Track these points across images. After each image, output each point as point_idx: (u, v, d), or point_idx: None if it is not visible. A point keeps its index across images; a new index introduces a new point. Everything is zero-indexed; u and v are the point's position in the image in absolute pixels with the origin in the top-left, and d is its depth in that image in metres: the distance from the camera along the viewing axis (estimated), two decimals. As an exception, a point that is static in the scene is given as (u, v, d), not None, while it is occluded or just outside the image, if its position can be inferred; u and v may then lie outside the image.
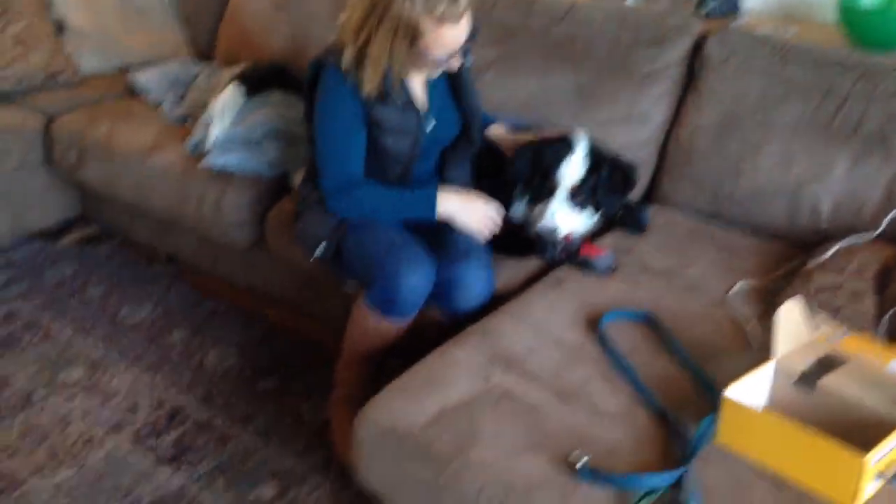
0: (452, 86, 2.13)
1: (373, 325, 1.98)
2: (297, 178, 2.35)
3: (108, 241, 3.08)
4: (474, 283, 1.92)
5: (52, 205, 3.01)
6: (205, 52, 3.29)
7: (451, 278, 1.91)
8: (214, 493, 1.98)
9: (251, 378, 2.38)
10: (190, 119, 2.78)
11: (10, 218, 2.89)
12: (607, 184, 2.09)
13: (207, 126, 2.57)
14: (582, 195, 2.07)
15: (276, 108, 2.56)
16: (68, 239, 3.06)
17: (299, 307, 2.60)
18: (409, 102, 2.01)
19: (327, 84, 1.97)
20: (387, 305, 1.92)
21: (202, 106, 2.75)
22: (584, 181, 2.06)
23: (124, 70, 3.16)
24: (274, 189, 2.47)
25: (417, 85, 2.05)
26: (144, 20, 3.26)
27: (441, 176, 2.19)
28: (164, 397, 2.29)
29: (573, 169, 2.04)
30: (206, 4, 3.30)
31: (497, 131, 2.27)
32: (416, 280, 1.87)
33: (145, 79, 3.04)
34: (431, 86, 2.08)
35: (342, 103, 1.96)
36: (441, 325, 1.95)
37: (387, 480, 1.53)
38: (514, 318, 1.77)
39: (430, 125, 2.06)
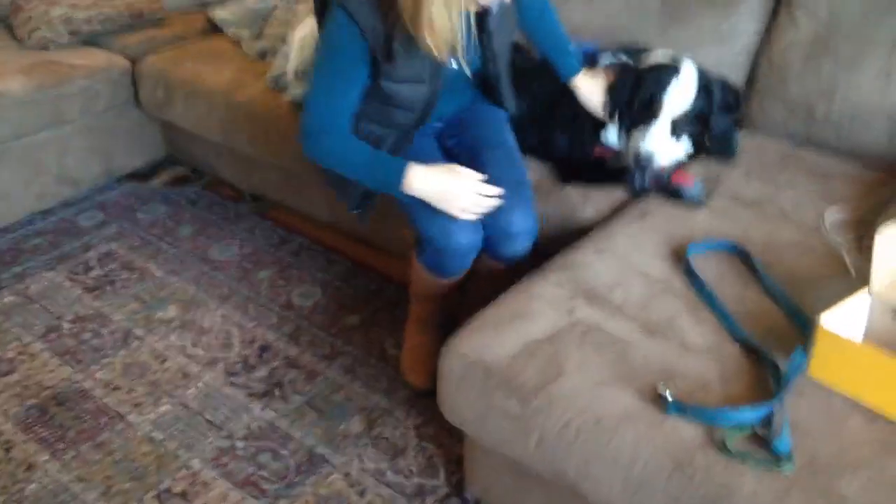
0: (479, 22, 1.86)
1: (428, 279, 2.00)
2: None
3: (196, 181, 3.16)
4: (520, 233, 1.88)
5: (141, 146, 3.09)
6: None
7: (497, 230, 1.87)
8: (304, 427, 2.04)
9: (336, 315, 2.42)
10: (269, 53, 2.80)
11: (102, 160, 2.99)
12: (722, 104, 1.98)
13: (286, 59, 2.59)
14: (687, 123, 1.96)
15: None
16: (158, 180, 3.15)
17: (378, 244, 2.62)
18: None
19: (334, 20, 1.76)
20: (437, 267, 1.93)
21: (281, 39, 2.77)
22: (691, 108, 1.94)
23: (205, 5, 3.19)
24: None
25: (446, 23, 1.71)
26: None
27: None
28: (254, 334, 2.36)
29: (681, 96, 1.92)
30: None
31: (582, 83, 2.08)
32: (464, 241, 1.84)
33: (225, 14, 3.07)
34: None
35: (343, 45, 1.78)
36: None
37: (472, 413, 1.53)
38: (598, 251, 1.74)
39: (450, 70, 1.87)
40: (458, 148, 2.06)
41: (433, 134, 2.09)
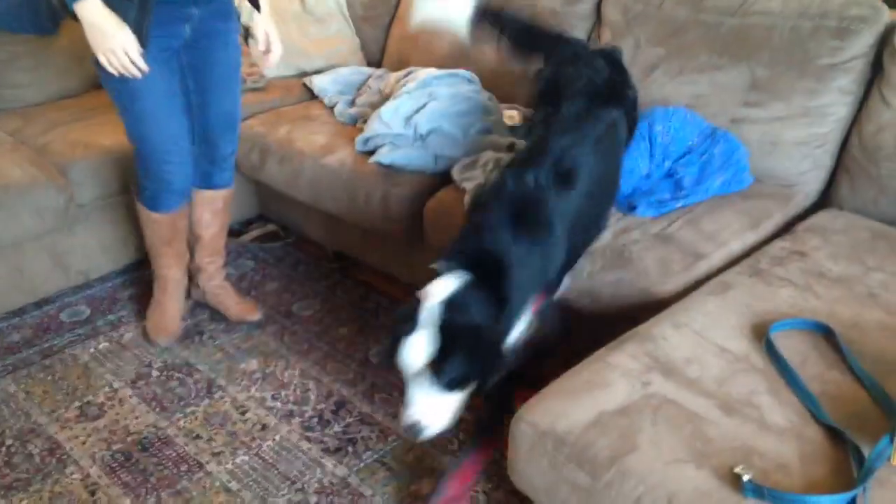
0: None
1: (150, 218, 2.54)
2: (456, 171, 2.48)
3: (284, 238, 3.27)
4: (227, 156, 2.53)
5: (236, 204, 3.21)
6: (375, 57, 3.46)
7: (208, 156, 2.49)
8: (375, 485, 2.06)
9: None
10: (360, 119, 2.92)
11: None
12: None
13: (376, 125, 2.69)
14: None
15: (441, 106, 2.66)
16: (248, 236, 3.28)
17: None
18: None
19: None
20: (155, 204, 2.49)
21: (372, 107, 2.89)
22: None
23: (303, 75, 3.35)
24: (436, 184, 2.56)
25: None
26: (322, 28, 3.42)
27: None
28: (331, 389, 2.40)
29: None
30: (377, 12, 3.45)
31: None
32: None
33: (321, 82, 3.22)
34: None
35: None
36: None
37: (541, 483, 1.52)
38: (675, 325, 1.72)
39: None
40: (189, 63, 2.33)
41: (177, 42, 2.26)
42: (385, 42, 3.42)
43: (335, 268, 3.05)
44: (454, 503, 1.93)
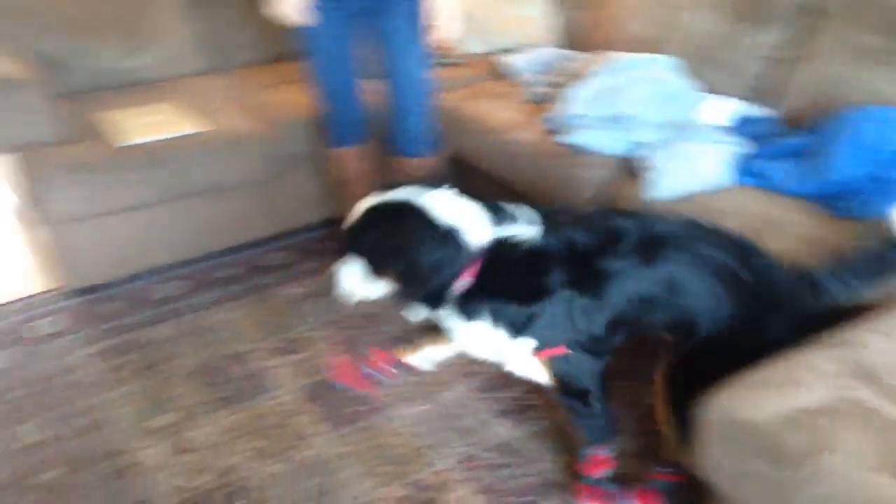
0: None
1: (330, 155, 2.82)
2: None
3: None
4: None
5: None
6: (573, 39, 3.50)
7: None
8: (541, 451, 2.16)
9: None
10: (550, 99, 2.99)
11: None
12: None
13: (566, 105, 2.76)
14: None
15: (634, 91, 2.68)
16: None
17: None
18: None
19: None
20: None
21: (563, 88, 2.94)
22: None
23: (497, 52, 3.45)
24: (622, 168, 2.60)
25: None
26: (521, 7, 3.51)
27: None
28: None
29: None
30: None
31: None
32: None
33: (514, 61, 3.31)
34: None
35: None
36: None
37: (727, 470, 1.56)
38: (881, 333, 1.70)
39: None
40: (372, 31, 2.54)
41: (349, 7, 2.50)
42: (584, 24, 3.45)
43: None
44: None
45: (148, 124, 2.80)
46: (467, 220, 1.79)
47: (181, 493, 2.04)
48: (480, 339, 1.86)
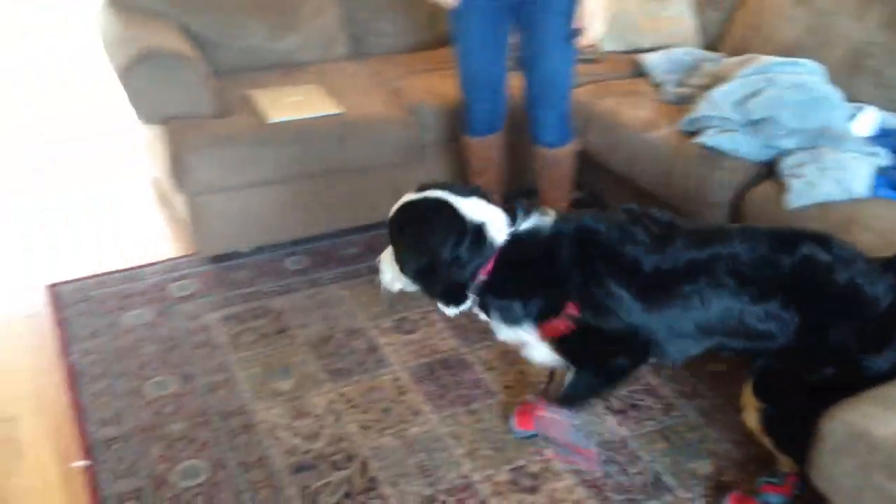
0: None
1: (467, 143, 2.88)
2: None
3: (592, 206, 3.37)
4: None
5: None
6: (712, 41, 3.42)
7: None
8: (652, 452, 2.12)
9: (703, 358, 2.44)
10: (688, 101, 2.93)
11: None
12: None
13: (705, 107, 2.70)
14: None
15: (777, 94, 2.60)
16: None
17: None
18: None
19: None
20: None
21: (701, 89, 2.88)
22: None
23: (635, 51, 3.41)
24: (761, 174, 2.53)
25: None
26: (662, 6, 3.45)
27: None
28: (620, 355, 2.49)
29: None
30: (723, -5, 3.41)
31: None
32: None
33: (651, 61, 3.26)
34: None
35: None
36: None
37: (846, 484, 1.50)
38: None
39: None
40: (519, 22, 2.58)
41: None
42: (725, 26, 3.37)
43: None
44: None
45: (292, 104, 2.93)
46: (492, 216, 1.85)
47: (296, 455, 2.13)
48: (505, 332, 1.93)
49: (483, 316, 1.94)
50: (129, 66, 2.73)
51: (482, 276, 1.84)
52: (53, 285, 2.85)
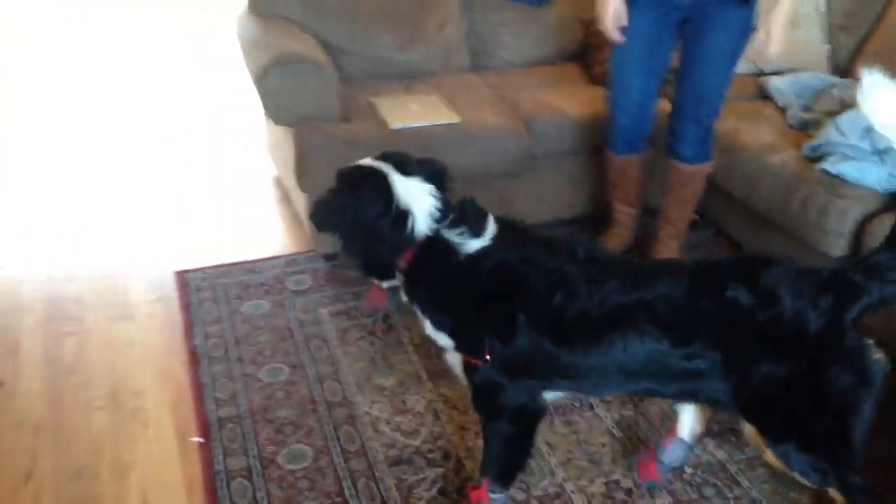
0: None
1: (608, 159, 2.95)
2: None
3: (702, 228, 3.33)
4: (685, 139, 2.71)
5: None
6: (843, 66, 3.34)
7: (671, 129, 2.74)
8: (753, 478, 2.10)
9: (810, 388, 2.41)
10: (813, 126, 2.87)
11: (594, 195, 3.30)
12: None
13: (830, 133, 2.64)
14: None
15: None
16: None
17: (880, 334, 2.52)
18: None
19: None
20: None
21: (828, 115, 2.82)
22: None
23: (760, 74, 3.36)
24: (886, 205, 2.47)
25: None
26: (792, 30, 3.37)
27: None
28: (724, 378, 2.46)
29: None
30: (856, 21, 3.32)
31: None
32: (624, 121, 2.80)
33: (778, 84, 3.21)
34: None
35: None
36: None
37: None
38: None
39: None
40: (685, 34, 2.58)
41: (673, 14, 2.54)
42: (857, 52, 3.27)
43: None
44: None
45: (412, 112, 3.03)
46: (422, 206, 1.80)
47: (395, 449, 2.21)
48: (427, 327, 1.90)
49: (405, 300, 1.92)
50: (265, 69, 2.90)
51: (402, 262, 1.84)
52: (181, 272, 3.04)
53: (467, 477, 2.11)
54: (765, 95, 3.26)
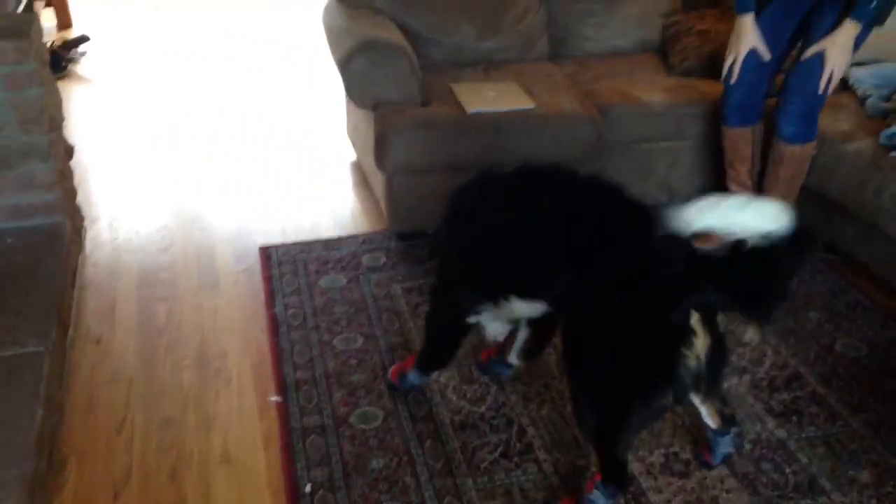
0: None
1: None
2: None
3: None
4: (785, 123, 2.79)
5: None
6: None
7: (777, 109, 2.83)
8: (812, 457, 2.12)
9: (875, 373, 2.41)
10: (891, 115, 2.86)
11: (701, 177, 3.35)
12: None
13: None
14: None
15: None
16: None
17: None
18: None
19: None
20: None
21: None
22: None
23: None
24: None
25: None
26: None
27: None
28: (788, 362, 2.48)
29: None
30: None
31: None
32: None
33: (858, 74, 3.19)
34: None
35: None
36: None
37: None
38: None
39: None
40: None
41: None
42: (942, 44, 3.22)
43: (822, 257, 3.04)
44: None
45: (489, 97, 3.12)
46: None
47: (461, 415, 2.31)
48: None
49: None
50: (350, 54, 3.03)
51: None
52: (265, 247, 3.21)
53: (529, 443, 2.19)
54: (846, 86, 3.23)
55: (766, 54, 2.79)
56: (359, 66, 3.04)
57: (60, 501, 2.07)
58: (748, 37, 2.78)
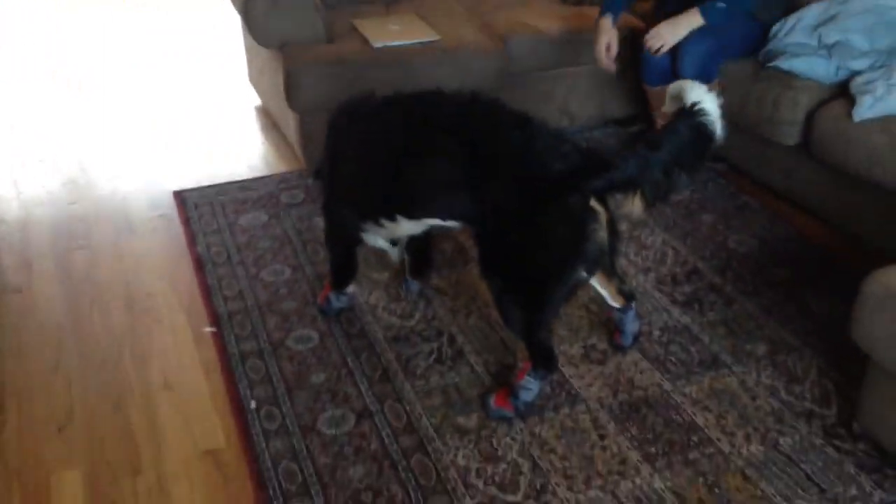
0: None
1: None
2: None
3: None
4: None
5: (634, 98, 3.53)
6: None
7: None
8: (714, 336, 2.35)
9: (765, 264, 2.66)
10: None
11: (598, 103, 3.55)
12: None
13: (782, 33, 2.87)
14: None
15: (852, 20, 2.75)
16: (637, 127, 3.59)
17: (828, 217, 2.79)
18: None
19: None
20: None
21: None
22: None
23: None
24: (834, 94, 2.70)
25: None
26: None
27: None
28: (687, 259, 2.70)
29: None
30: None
31: None
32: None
33: None
34: None
35: None
36: None
37: (883, 337, 1.70)
38: None
39: None
40: None
41: None
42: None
43: (714, 167, 3.25)
44: None
45: (394, 31, 3.21)
46: None
47: (392, 330, 2.43)
48: None
49: None
50: (251, -6, 3.06)
51: None
52: (178, 192, 3.21)
53: (459, 349, 2.33)
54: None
55: (614, 49, 3.05)
56: (260, 6, 3.06)
57: (4, 439, 2.08)
58: (603, 35, 3.03)
